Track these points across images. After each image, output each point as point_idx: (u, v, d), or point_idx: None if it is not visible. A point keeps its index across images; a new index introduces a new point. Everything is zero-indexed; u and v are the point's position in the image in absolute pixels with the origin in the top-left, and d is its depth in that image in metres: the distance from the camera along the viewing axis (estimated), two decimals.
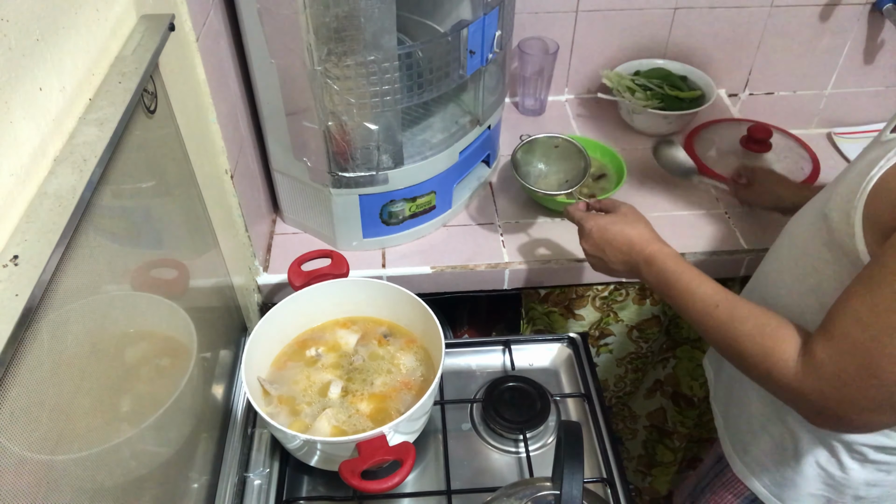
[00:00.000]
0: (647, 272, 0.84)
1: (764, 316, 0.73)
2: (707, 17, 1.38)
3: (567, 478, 0.69)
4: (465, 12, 1.05)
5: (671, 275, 0.81)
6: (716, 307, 0.76)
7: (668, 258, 0.83)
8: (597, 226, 0.90)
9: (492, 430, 0.97)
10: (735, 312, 0.74)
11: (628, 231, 0.87)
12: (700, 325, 0.78)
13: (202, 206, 0.86)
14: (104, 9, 0.62)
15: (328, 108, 0.95)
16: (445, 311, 1.29)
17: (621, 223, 0.89)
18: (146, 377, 0.68)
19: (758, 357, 0.70)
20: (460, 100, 1.19)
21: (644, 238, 0.86)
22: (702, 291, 0.78)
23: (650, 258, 0.84)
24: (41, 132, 0.51)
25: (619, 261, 0.88)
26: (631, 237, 0.87)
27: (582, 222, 0.92)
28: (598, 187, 1.22)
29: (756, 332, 0.71)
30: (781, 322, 0.71)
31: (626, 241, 0.87)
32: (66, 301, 0.51)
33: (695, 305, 0.78)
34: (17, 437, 0.44)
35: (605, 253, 0.89)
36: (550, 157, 1.16)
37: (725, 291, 0.77)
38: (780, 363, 0.68)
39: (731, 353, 0.75)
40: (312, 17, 0.86)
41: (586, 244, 0.92)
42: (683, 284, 0.80)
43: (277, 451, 0.95)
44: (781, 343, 0.69)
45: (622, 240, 0.87)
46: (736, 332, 0.73)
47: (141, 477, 0.66)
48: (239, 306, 1.03)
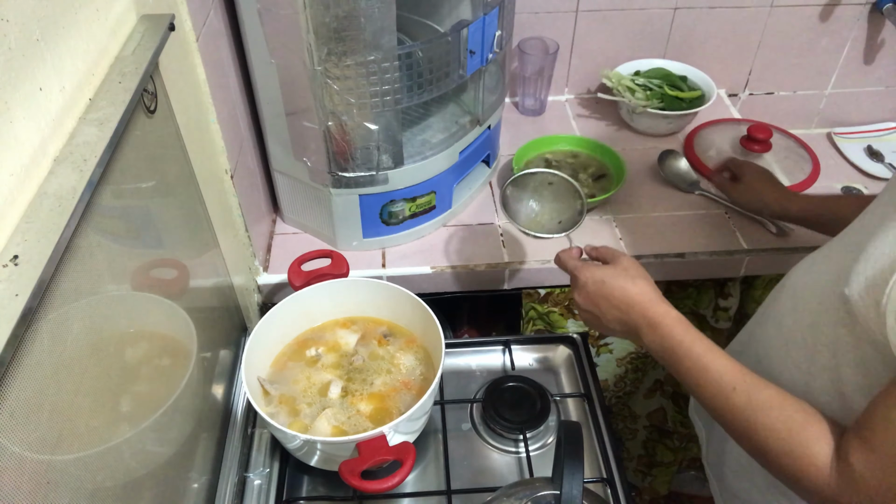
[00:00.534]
0: (649, 337, 0.75)
1: (788, 405, 0.65)
2: (707, 17, 1.38)
3: (567, 478, 0.69)
4: (465, 12, 1.05)
5: (679, 345, 0.72)
6: (732, 390, 0.67)
7: (675, 324, 0.74)
8: (593, 278, 0.80)
9: (492, 430, 0.97)
10: (755, 398, 0.66)
11: (629, 287, 0.77)
12: (712, 407, 0.70)
13: (202, 206, 0.87)
14: (104, 9, 0.62)
15: (328, 108, 0.95)
16: (445, 311, 1.29)
17: (621, 277, 0.78)
18: (146, 377, 0.68)
19: (784, 457, 0.63)
20: (460, 100, 1.19)
21: (646, 297, 0.77)
22: (716, 368, 0.69)
23: (654, 322, 0.75)
24: (41, 132, 0.51)
25: (616, 319, 0.78)
26: (631, 295, 0.77)
27: (576, 272, 0.82)
28: (598, 187, 1.22)
29: (781, 426, 0.64)
30: (808, 415, 0.64)
31: (626, 299, 0.77)
32: (66, 301, 0.51)
33: (707, 384, 0.69)
34: (17, 437, 0.44)
35: (601, 309, 0.79)
36: (543, 195, 1.04)
37: (741, 369, 0.69)
38: (813, 469, 0.61)
39: (749, 445, 0.67)
40: (312, 17, 0.86)
41: (579, 297, 0.81)
42: (694, 358, 0.71)
43: (277, 451, 0.95)
44: (813, 445, 0.62)
45: (621, 297, 0.77)
46: (756, 423, 0.65)
47: (141, 477, 0.66)
48: (239, 306, 1.03)
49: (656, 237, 1.15)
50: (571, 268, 0.84)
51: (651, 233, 1.16)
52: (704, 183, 1.25)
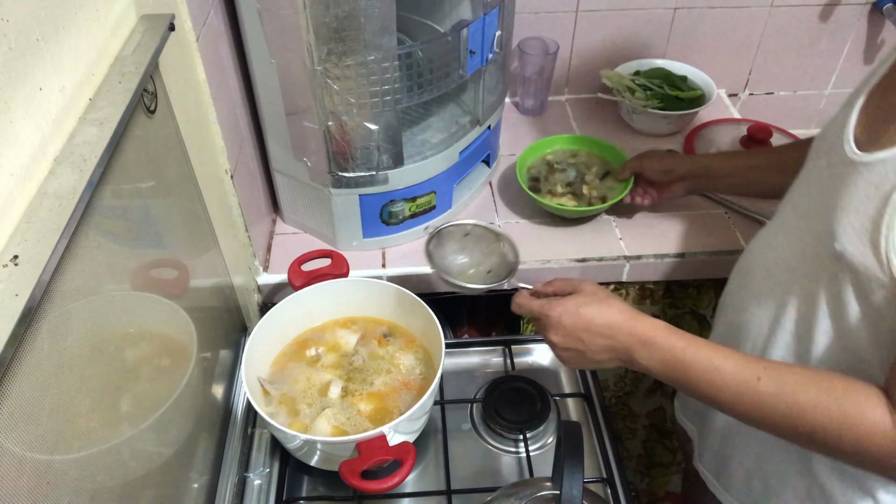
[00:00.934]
0: (645, 356, 0.71)
1: (822, 378, 0.64)
2: (707, 17, 1.38)
3: (567, 478, 0.69)
4: (465, 12, 1.05)
5: (682, 354, 0.69)
6: (758, 381, 0.65)
7: (669, 334, 0.71)
8: (566, 312, 0.74)
9: (492, 430, 0.97)
10: (785, 380, 0.64)
11: (606, 311, 0.73)
12: (739, 406, 0.67)
13: (202, 206, 0.87)
14: (104, 9, 0.62)
15: (328, 108, 0.95)
16: (445, 311, 1.29)
17: (594, 303, 0.74)
18: (146, 377, 0.68)
19: (842, 430, 0.61)
20: (460, 100, 1.19)
21: (628, 316, 0.73)
22: (730, 366, 0.67)
23: (646, 339, 0.71)
24: (41, 132, 0.51)
25: (603, 348, 0.74)
26: (612, 318, 0.73)
27: (545, 311, 0.76)
28: (605, 187, 1.21)
29: (826, 399, 0.62)
30: (845, 380, 0.63)
31: (608, 324, 0.73)
32: (66, 301, 0.51)
33: (727, 385, 0.66)
34: (17, 437, 0.44)
35: (584, 342, 0.74)
36: (465, 247, 0.95)
37: (754, 358, 0.68)
38: (874, 429, 0.60)
39: (797, 432, 0.64)
40: (312, 17, 0.86)
41: (557, 336, 0.76)
42: (703, 363, 0.68)
43: (277, 451, 0.95)
44: (866, 407, 0.60)
45: (602, 322, 0.73)
46: (799, 404, 0.63)
47: (141, 477, 0.66)
48: (239, 306, 1.03)
49: (656, 237, 1.15)
50: (538, 309, 0.78)
51: (651, 233, 1.16)
52: None
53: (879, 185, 0.62)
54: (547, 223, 1.18)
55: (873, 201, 0.63)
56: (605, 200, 1.15)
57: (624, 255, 1.12)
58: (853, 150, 0.67)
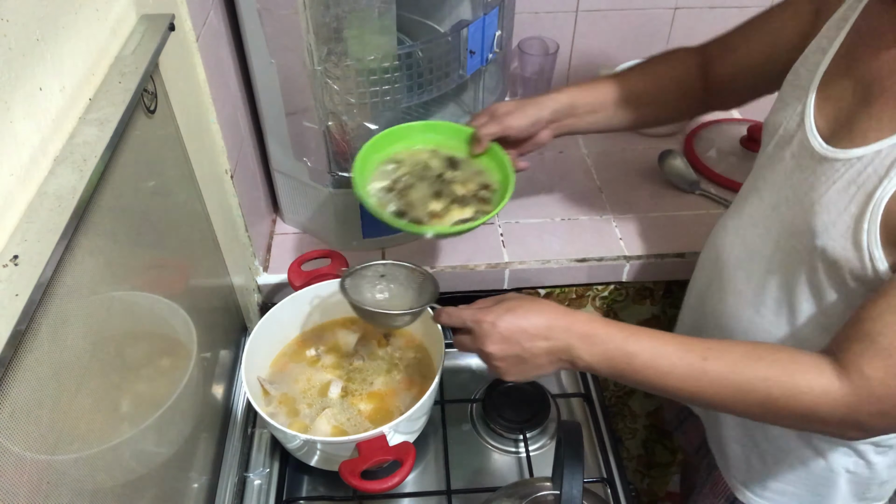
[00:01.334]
0: (588, 350, 0.67)
1: (766, 350, 0.65)
2: (707, 17, 1.38)
3: (567, 478, 0.69)
4: (465, 12, 1.05)
5: (625, 343, 0.66)
6: (704, 360, 0.64)
7: (609, 326, 0.68)
8: (499, 318, 0.69)
9: (492, 430, 0.97)
10: (731, 357, 0.64)
11: (540, 311, 0.69)
12: (688, 389, 0.65)
13: (202, 206, 0.86)
14: (104, 9, 0.62)
15: (328, 108, 0.95)
16: None
17: (524, 307, 0.70)
18: (146, 377, 0.68)
19: (792, 399, 0.62)
20: (460, 100, 1.18)
21: (561, 312, 0.69)
22: (674, 349, 0.65)
23: (586, 333, 0.67)
24: (41, 132, 0.51)
25: (544, 351, 0.69)
26: (547, 317, 0.69)
27: (476, 318, 0.71)
28: (471, 172, 0.94)
29: (775, 371, 0.63)
30: (789, 350, 0.65)
31: (544, 324, 0.68)
32: (66, 301, 0.51)
33: (674, 369, 0.65)
34: (17, 437, 0.44)
35: (524, 346, 0.69)
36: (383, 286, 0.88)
37: (697, 339, 0.67)
38: (824, 397, 0.61)
39: (749, 406, 0.65)
40: (312, 17, 0.86)
41: (493, 345, 0.69)
42: (649, 349, 0.66)
43: (277, 451, 0.95)
44: (813, 374, 0.62)
45: (538, 323, 0.68)
46: (748, 378, 0.63)
47: (141, 477, 0.66)
48: (239, 306, 1.03)
49: (656, 237, 1.15)
50: (469, 318, 0.72)
51: (651, 233, 1.16)
52: (704, 183, 1.25)
53: (862, 184, 0.64)
54: (547, 223, 1.18)
55: (855, 200, 0.64)
56: (489, 188, 0.92)
57: (624, 255, 1.12)
58: (821, 144, 0.69)
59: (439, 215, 0.87)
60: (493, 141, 0.92)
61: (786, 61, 0.79)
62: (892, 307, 0.60)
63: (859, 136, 0.65)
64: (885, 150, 0.62)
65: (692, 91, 0.94)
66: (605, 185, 1.26)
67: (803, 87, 0.73)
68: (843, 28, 0.70)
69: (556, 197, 1.23)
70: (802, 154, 0.71)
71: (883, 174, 0.62)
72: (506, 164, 0.91)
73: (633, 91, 0.94)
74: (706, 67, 0.92)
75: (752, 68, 0.87)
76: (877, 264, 0.64)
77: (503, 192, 0.89)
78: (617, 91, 0.93)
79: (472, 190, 0.91)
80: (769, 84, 0.85)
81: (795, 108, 0.73)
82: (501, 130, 0.91)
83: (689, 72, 0.93)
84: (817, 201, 0.68)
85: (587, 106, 0.93)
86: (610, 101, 0.93)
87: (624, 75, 0.95)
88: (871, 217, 0.63)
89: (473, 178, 0.93)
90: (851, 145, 0.66)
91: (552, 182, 1.26)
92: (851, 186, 0.65)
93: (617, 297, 1.20)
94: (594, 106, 0.93)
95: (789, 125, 0.74)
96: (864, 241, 0.63)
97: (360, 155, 0.90)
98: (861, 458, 0.80)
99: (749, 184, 0.83)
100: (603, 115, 0.94)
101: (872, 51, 0.66)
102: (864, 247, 0.64)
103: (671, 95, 0.95)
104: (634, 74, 0.95)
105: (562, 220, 1.19)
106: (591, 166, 1.30)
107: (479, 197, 0.90)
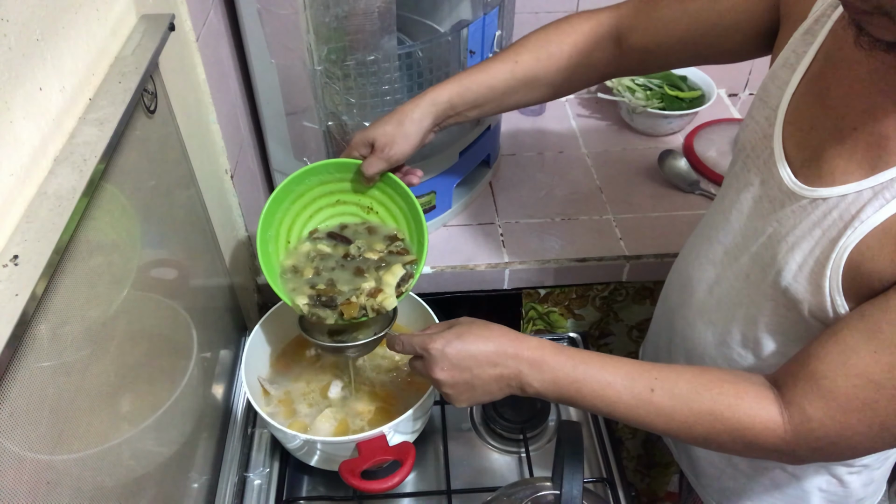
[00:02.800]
0: (536, 378, 0.67)
1: (712, 382, 0.64)
2: None
3: (567, 478, 0.69)
4: (465, 12, 1.05)
5: (574, 371, 0.66)
6: (651, 392, 0.64)
7: (557, 353, 0.67)
8: (448, 345, 0.68)
9: (492, 430, 0.97)
10: (678, 390, 0.64)
11: (489, 337, 0.69)
12: (635, 419, 0.66)
13: (202, 206, 0.86)
14: (104, 9, 0.62)
15: (328, 108, 0.95)
16: (445, 311, 1.29)
17: (473, 333, 0.69)
18: (146, 377, 0.68)
19: (735, 433, 0.63)
20: None
21: (510, 338, 0.69)
22: (622, 379, 0.65)
23: (534, 360, 0.67)
24: (41, 132, 0.51)
25: (493, 378, 0.68)
26: (496, 344, 0.68)
27: (425, 346, 0.70)
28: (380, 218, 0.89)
29: (717, 406, 0.63)
30: (736, 382, 0.64)
31: (494, 351, 0.68)
32: (66, 301, 0.51)
33: (621, 398, 0.65)
34: (17, 437, 0.44)
35: (473, 373, 0.68)
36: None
37: (647, 366, 0.66)
38: (766, 432, 0.62)
39: (690, 438, 0.65)
40: (312, 17, 0.86)
41: (443, 372, 0.69)
42: (597, 377, 0.66)
43: (277, 451, 0.95)
44: (757, 409, 0.62)
45: (487, 350, 0.68)
46: (693, 412, 0.63)
47: (141, 477, 0.66)
48: (239, 306, 1.03)
49: (656, 237, 1.15)
50: (418, 344, 0.71)
51: (651, 233, 1.16)
52: (704, 183, 1.25)
53: (826, 228, 0.62)
54: (547, 223, 1.18)
55: (819, 244, 0.62)
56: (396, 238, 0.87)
57: (624, 255, 1.12)
58: (790, 177, 0.66)
59: (380, 290, 0.82)
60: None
61: (724, 40, 0.76)
62: (840, 349, 0.59)
63: (827, 173, 0.62)
64: (851, 195, 0.60)
65: (598, 64, 0.86)
66: (605, 184, 1.26)
67: (772, 106, 0.69)
68: (812, 45, 0.66)
69: (556, 197, 1.23)
70: (770, 183, 0.68)
71: (848, 221, 0.60)
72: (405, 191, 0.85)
73: (525, 76, 0.86)
74: (621, 37, 0.84)
75: (682, 44, 0.80)
76: (838, 309, 0.62)
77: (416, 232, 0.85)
78: (505, 79, 0.86)
79: (383, 249, 0.86)
80: (699, 61, 0.83)
81: (763, 128, 0.70)
82: (389, 165, 0.84)
83: (595, 45, 0.85)
84: (783, 238, 0.66)
85: (469, 104, 0.86)
86: (498, 92, 0.86)
87: (513, 57, 0.87)
88: (833, 265, 0.61)
89: (374, 239, 0.87)
90: (819, 182, 0.63)
91: (552, 182, 1.26)
92: (816, 229, 0.62)
93: (617, 296, 1.20)
94: (476, 101, 0.86)
95: (757, 146, 0.71)
96: (826, 286, 0.62)
97: (259, 244, 0.83)
98: (834, 478, 0.79)
99: (717, 203, 0.80)
100: (490, 106, 0.88)
101: (846, 81, 0.61)
102: (825, 292, 0.62)
103: (571, 72, 0.87)
104: (525, 54, 0.87)
105: (562, 220, 1.19)
106: (591, 166, 1.30)
107: (395, 250, 0.86)
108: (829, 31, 0.64)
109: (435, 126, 0.86)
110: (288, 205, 0.87)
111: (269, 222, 0.85)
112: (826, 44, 0.65)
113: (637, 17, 0.83)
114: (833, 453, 0.63)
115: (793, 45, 0.68)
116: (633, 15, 0.83)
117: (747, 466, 0.83)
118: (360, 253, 0.86)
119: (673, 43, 0.81)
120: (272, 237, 0.86)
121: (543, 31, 0.89)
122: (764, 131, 0.70)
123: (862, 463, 0.78)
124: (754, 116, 0.72)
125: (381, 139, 0.82)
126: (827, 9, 0.65)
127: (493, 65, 0.87)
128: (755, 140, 0.71)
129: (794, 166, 0.66)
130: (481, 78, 0.86)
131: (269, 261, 0.84)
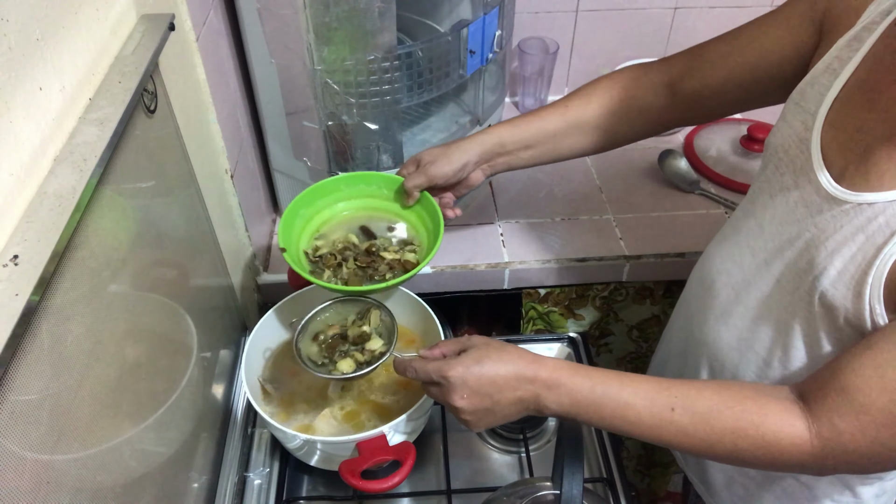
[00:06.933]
0: (554, 400, 0.67)
1: (734, 399, 0.63)
2: (707, 17, 1.38)
3: (567, 478, 0.69)
4: (465, 12, 1.05)
5: (592, 392, 0.66)
6: (672, 412, 0.64)
7: (574, 373, 0.67)
8: (467, 371, 0.68)
9: (492, 429, 0.97)
10: (699, 409, 0.63)
11: (507, 361, 0.68)
12: (657, 439, 0.65)
13: (202, 206, 0.86)
14: (104, 9, 0.62)
15: (328, 108, 0.95)
16: (445, 311, 1.29)
17: (492, 357, 0.68)
18: (146, 377, 0.68)
19: (760, 450, 0.62)
20: (460, 99, 1.19)
21: (527, 361, 0.68)
22: (642, 399, 0.65)
23: (552, 382, 0.67)
24: (41, 132, 0.51)
25: (512, 402, 0.68)
26: (514, 367, 0.68)
27: (442, 373, 0.69)
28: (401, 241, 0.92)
29: (742, 423, 0.62)
30: (758, 397, 0.63)
31: (513, 375, 0.67)
32: (66, 301, 0.51)
33: (641, 420, 0.64)
34: (17, 437, 0.44)
35: (494, 399, 0.68)
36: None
37: (666, 384, 0.66)
38: (792, 447, 0.61)
39: (714, 455, 0.65)
40: (312, 17, 0.86)
41: (463, 400, 0.68)
42: (614, 398, 0.65)
43: (277, 451, 0.95)
44: (782, 424, 0.61)
45: (507, 374, 0.67)
46: (716, 431, 0.63)
47: (141, 477, 0.66)
48: (239, 306, 1.03)
49: (656, 237, 1.15)
50: (435, 372, 0.70)
51: (651, 233, 1.16)
52: (704, 183, 1.26)
53: (871, 234, 0.60)
54: (547, 223, 1.18)
55: (862, 249, 0.61)
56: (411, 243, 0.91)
57: (624, 255, 1.12)
58: (829, 181, 0.64)
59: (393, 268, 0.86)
60: (424, 189, 0.90)
61: (774, 76, 0.76)
62: (877, 363, 0.58)
63: (875, 177, 0.61)
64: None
65: (650, 111, 0.88)
66: (605, 185, 1.26)
67: (810, 111, 0.68)
68: (859, 50, 0.65)
69: (556, 197, 1.23)
70: (807, 188, 0.67)
71: (895, 228, 0.58)
72: (437, 213, 0.88)
73: (576, 119, 0.89)
74: (673, 84, 0.86)
75: (732, 83, 0.81)
76: (876, 318, 0.61)
77: (433, 241, 0.87)
78: (555, 122, 0.89)
79: (398, 248, 0.90)
80: (750, 100, 0.82)
81: (800, 132, 0.68)
82: (428, 181, 0.88)
83: (645, 90, 0.88)
84: (822, 243, 0.64)
85: (518, 143, 0.90)
86: (549, 133, 0.89)
87: (565, 101, 0.91)
88: (876, 272, 0.59)
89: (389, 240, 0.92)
90: (865, 187, 0.61)
91: (552, 182, 1.26)
92: (860, 234, 0.61)
93: (617, 296, 1.20)
94: (527, 141, 0.90)
95: (791, 150, 0.69)
96: (866, 294, 0.60)
97: (286, 214, 0.88)
98: (847, 489, 0.78)
99: (746, 207, 0.79)
100: (543, 149, 0.91)
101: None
102: (865, 299, 0.61)
103: (620, 116, 0.89)
104: (575, 99, 0.90)
105: (562, 219, 1.19)
106: (591, 166, 1.30)
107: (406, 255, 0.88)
108: (880, 36, 0.63)
109: (482, 160, 0.91)
110: (330, 199, 0.93)
111: (309, 200, 0.91)
112: (876, 50, 0.64)
113: (687, 61, 0.85)
114: (861, 467, 0.62)
115: (836, 52, 0.67)
116: (684, 60, 0.86)
117: (758, 474, 0.82)
118: (380, 248, 0.90)
119: (723, 82, 0.82)
120: (302, 216, 0.91)
121: (597, 79, 0.92)
122: (800, 135, 0.68)
123: (876, 475, 0.77)
124: (788, 120, 0.71)
125: (426, 157, 0.90)
126: (877, 17, 0.64)
127: (546, 109, 0.92)
128: (789, 144, 0.70)
129: (833, 171, 0.64)
130: (532, 120, 0.91)
131: (290, 225, 0.89)
